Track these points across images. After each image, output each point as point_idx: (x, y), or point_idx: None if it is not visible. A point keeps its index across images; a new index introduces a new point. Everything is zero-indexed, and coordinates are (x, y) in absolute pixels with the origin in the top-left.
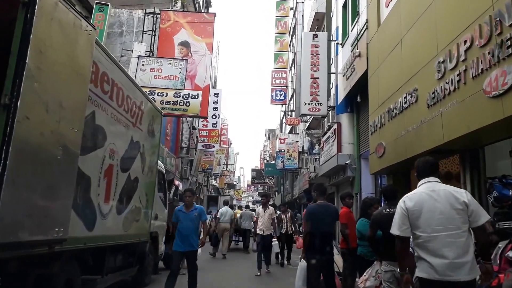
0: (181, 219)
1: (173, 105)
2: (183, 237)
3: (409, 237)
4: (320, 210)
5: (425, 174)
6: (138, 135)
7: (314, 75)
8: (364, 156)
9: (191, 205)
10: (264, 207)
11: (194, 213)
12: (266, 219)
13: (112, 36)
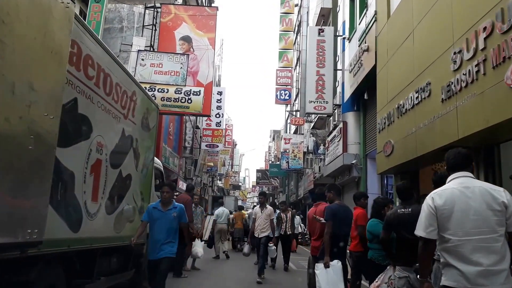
0: (155, 218)
1: (174, 102)
2: (156, 242)
3: (435, 240)
4: (341, 210)
5: (457, 167)
6: (131, 129)
7: (320, 72)
8: (370, 156)
9: (170, 203)
10: (262, 207)
11: (173, 213)
12: (263, 220)
13: (112, 31)
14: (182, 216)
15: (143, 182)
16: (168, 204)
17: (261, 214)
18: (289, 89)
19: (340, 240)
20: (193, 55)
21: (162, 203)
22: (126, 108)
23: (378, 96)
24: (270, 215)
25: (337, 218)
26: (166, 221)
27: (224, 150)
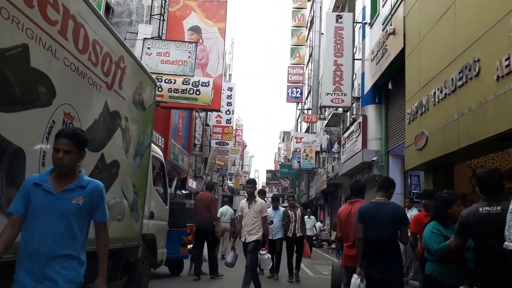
0: (35, 207)
1: (182, 93)
2: (33, 254)
3: None
4: (374, 209)
5: None
6: (118, 103)
7: (337, 62)
8: (393, 153)
9: (73, 175)
10: (250, 200)
11: (76, 196)
12: (251, 218)
13: (121, 25)
14: (98, 208)
15: (136, 172)
16: (68, 177)
17: (249, 210)
18: (301, 87)
19: (375, 247)
20: (202, 46)
21: (53, 175)
22: (110, 76)
23: (407, 83)
24: (262, 211)
25: (366, 219)
26: (58, 213)
27: (234, 149)
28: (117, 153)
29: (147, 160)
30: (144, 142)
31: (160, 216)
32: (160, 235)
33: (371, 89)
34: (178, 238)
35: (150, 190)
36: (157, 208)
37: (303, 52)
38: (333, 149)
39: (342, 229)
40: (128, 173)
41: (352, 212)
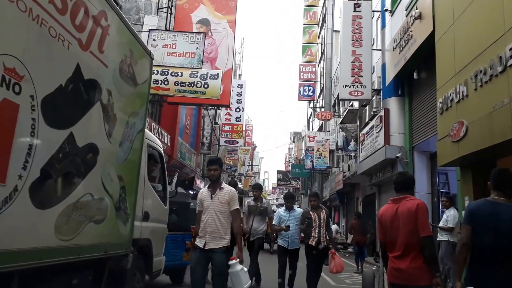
0: None
1: (189, 86)
2: None
3: None
4: (493, 211)
5: None
6: (96, 70)
7: (356, 52)
8: (418, 148)
9: None
10: (214, 187)
11: None
12: (214, 214)
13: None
14: None
15: (124, 162)
16: None
17: (211, 201)
18: (313, 85)
19: (491, 256)
20: (211, 40)
21: None
22: (86, 33)
23: (438, 70)
24: (231, 202)
25: (478, 221)
26: None
27: (244, 149)
28: (95, 135)
29: (139, 148)
30: (135, 125)
31: (157, 217)
32: (156, 240)
33: (393, 80)
34: (181, 242)
35: (144, 186)
36: (153, 208)
37: (315, 50)
38: (349, 147)
39: (386, 234)
40: (112, 162)
41: (400, 212)
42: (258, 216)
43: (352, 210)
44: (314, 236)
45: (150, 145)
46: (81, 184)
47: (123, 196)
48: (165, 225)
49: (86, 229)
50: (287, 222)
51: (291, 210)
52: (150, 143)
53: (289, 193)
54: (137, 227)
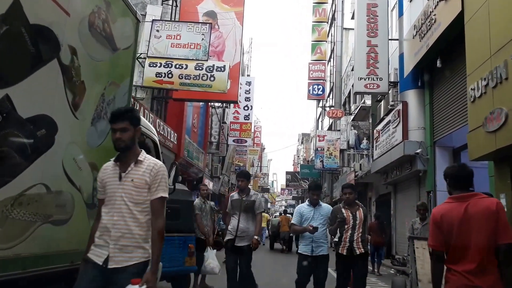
0: None
1: (194, 79)
2: None
3: None
4: None
5: None
6: (52, 16)
7: (371, 42)
8: (440, 144)
9: None
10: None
11: None
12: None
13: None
14: None
15: (99, 146)
16: None
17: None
18: (323, 83)
19: None
20: (218, 33)
21: None
22: None
23: (469, 53)
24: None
25: None
26: None
27: (252, 150)
28: (51, 106)
29: None
30: (116, 101)
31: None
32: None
33: (412, 71)
34: (183, 246)
35: None
36: None
37: (325, 48)
38: (362, 145)
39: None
40: (81, 145)
41: (473, 212)
42: (244, 213)
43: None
44: (345, 241)
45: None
46: (28, 171)
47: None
48: None
49: (39, 233)
50: (311, 221)
51: (316, 206)
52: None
53: (314, 182)
54: None
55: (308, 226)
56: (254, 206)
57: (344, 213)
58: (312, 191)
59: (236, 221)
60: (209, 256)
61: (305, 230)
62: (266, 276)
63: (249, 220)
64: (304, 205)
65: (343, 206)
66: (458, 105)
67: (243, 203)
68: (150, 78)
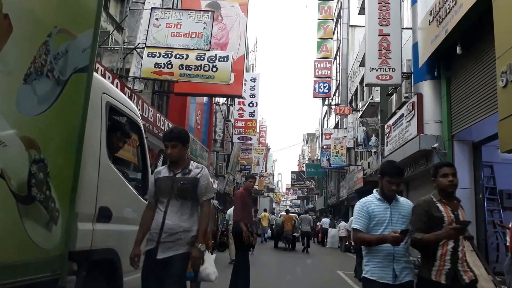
0: None
1: (195, 70)
2: None
3: None
4: None
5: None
6: None
7: (383, 31)
8: (459, 138)
9: None
10: None
11: None
12: None
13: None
14: None
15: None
16: None
17: None
18: (329, 81)
19: None
20: (222, 25)
21: None
22: None
23: (497, 33)
24: None
25: None
26: None
27: (258, 149)
28: None
29: (81, 101)
30: (69, 56)
31: (128, 216)
32: (129, 250)
33: (428, 61)
34: None
35: (100, 167)
36: (120, 202)
37: (330, 45)
38: (370, 142)
39: None
40: (4, 110)
41: None
42: (176, 200)
43: None
44: (442, 260)
45: (116, 107)
46: None
47: (41, 177)
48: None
49: None
50: (388, 225)
51: (393, 201)
52: (116, 103)
53: (392, 163)
54: (85, 232)
55: (391, 233)
56: (197, 189)
57: (443, 211)
58: (390, 177)
59: (161, 216)
60: (206, 261)
61: (384, 239)
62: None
63: (185, 214)
64: (372, 200)
65: (437, 200)
66: (479, 95)
67: (176, 183)
68: (149, 69)
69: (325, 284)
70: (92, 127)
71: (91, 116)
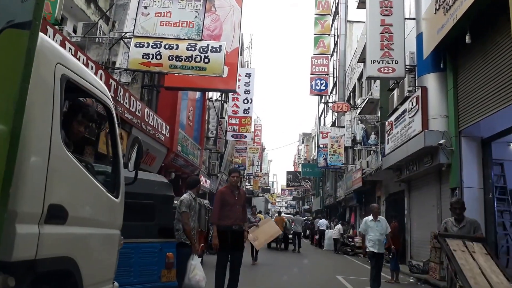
0: None
1: (186, 61)
2: None
3: None
4: None
5: None
6: None
7: (385, 21)
8: (466, 134)
9: None
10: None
11: None
12: None
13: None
14: None
15: None
16: None
17: None
18: (326, 78)
19: None
20: (215, 16)
21: None
22: None
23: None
24: None
25: None
26: None
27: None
28: None
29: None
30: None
31: (91, 216)
32: (94, 258)
33: (433, 52)
34: (159, 255)
35: (50, 155)
36: (79, 200)
37: (328, 41)
38: (370, 140)
39: None
40: None
41: None
42: None
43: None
44: None
45: (76, 83)
46: None
47: None
48: (117, 231)
49: None
50: None
51: None
52: (76, 78)
53: None
54: (28, 237)
55: None
56: None
57: None
58: None
59: None
60: (195, 266)
61: None
62: None
63: None
64: None
65: None
66: (489, 87)
67: None
68: (136, 59)
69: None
70: (39, 105)
71: (40, 91)
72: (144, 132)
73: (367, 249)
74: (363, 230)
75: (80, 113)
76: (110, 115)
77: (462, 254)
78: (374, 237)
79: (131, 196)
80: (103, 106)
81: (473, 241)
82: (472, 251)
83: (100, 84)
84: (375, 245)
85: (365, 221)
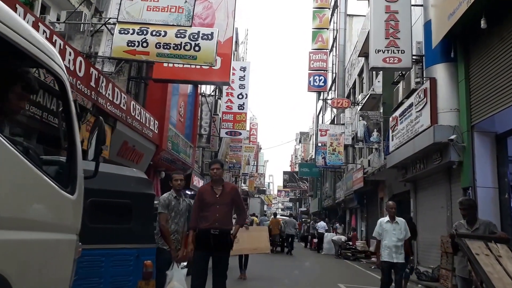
0: None
1: (174, 49)
2: None
3: None
4: None
5: None
6: None
7: (391, 8)
8: (479, 128)
9: None
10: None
11: None
12: None
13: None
14: None
15: None
16: None
17: None
18: (325, 74)
19: None
20: (207, 3)
21: None
22: None
23: None
24: None
25: None
26: None
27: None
28: None
29: None
30: None
31: (33, 217)
32: (32, 273)
33: (443, 40)
34: (135, 263)
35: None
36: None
37: (326, 36)
38: (372, 138)
39: None
40: None
41: None
42: None
43: (374, 212)
44: None
45: (9, 40)
46: None
47: None
48: (72, 235)
49: None
50: None
51: None
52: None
53: None
54: None
55: None
56: None
57: None
58: None
59: None
60: (173, 276)
61: None
62: None
63: None
64: None
65: None
66: (505, 78)
67: None
68: (121, 47)
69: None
70: None
71: None
72: (130, 127)
73: (381, 258)
74: (377, 234)
75: (17, 82)
76: (62, 89)
77: (487, 259)
78: (390, 242)
79: (102, 194)
80: (52, 76)
81: (496, 242)
82: (498, 255)
83: (46, 46)
84: (392, 252)
85: (379, 223)
